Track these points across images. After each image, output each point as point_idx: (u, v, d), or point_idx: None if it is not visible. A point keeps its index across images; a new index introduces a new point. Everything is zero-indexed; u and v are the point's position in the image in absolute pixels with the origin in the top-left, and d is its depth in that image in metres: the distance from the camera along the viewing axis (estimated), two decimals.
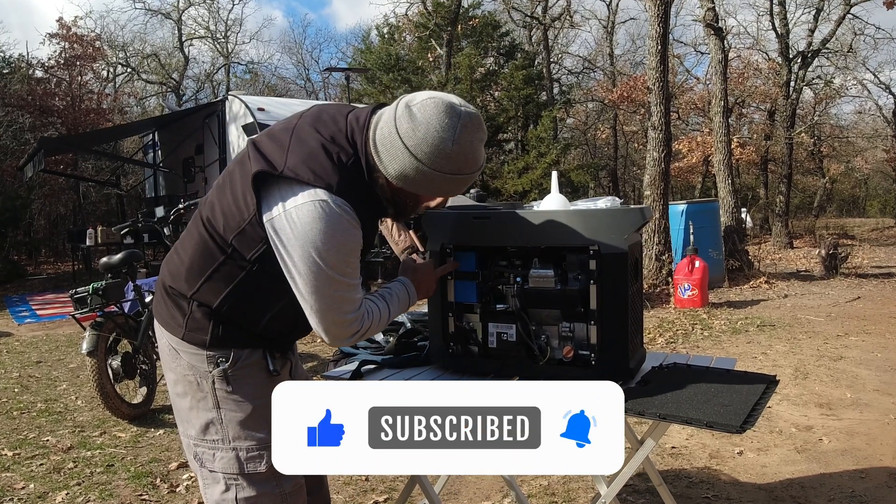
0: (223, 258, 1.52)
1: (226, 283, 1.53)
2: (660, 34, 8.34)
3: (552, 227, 1.82)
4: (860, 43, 19.17)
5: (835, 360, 5.01)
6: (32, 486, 3.15)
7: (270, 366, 1.60)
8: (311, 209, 1.42)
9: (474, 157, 1.48)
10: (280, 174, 1.44)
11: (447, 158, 1.44)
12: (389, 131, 1.45)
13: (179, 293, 1.58)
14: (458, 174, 1.47)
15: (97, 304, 4.02)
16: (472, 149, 1.47)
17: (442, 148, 1.42)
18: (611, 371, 1.82)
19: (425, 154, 1.43)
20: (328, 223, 1.42)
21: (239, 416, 1.57)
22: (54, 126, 15.15)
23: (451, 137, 1.42)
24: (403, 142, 1.43)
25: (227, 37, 26.11)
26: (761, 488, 2.92)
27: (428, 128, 1.42)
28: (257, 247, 1.49)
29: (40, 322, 7.96)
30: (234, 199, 1.51)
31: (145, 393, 4.18)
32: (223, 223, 1.52)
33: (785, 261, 11.94)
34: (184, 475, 3.23)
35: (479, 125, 1.48)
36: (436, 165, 1.44)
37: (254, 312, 1.57)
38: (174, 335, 1.60)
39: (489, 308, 1.93)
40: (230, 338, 1.57)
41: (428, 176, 1.45)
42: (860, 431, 3.54)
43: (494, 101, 17.61)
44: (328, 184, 1.43)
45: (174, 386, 1.65)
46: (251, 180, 1.46)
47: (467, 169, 1.48)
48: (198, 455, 1.62)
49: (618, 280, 1.78)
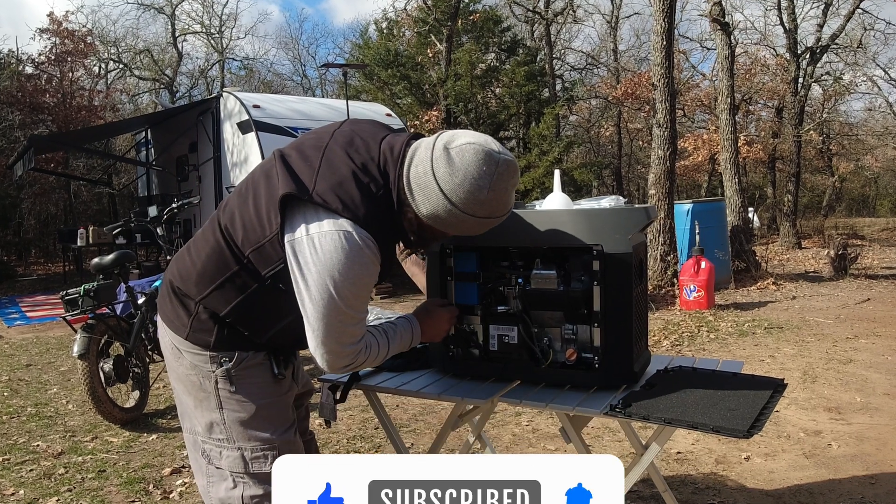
0: (237, 269, 1.53)
1: (236, 294, 1.54)
2: (665, 29, 8.28)
3: (555, 227, 1.82)
4: (870, 38, 19.03)
5: (844, 363, 4.97)
6: (22, 493, 3.11)
7: (275, 368, 1.62)
8: (334, 238, 1.42)
9: (506, 203, 1.50)
10: (308, 199, 1.44)
11: (481, 204, 1.45)
12: (425, 171, 1.45)
13: (187, 294, 1.59)
14: (489, 218, 1.49)
15: (88, 305, 3.98)
16: (506, 195, 1.48)
17: (477, 195, 1.43)
18: (615, 375, 1.83)
19: (460, 199, 1.44)
20: (349, 256, 1.43)
21: (242, 416, 1.59)
22: (45, 123, 15.12)
23: (488, 186, 1.43)
24: (439, 185, 1.44)
25: (222, 32, 26.07)
26: (769, 494, 2.88)
27: (466, 174, 1.42)
28: (274, 265, 1.50)
29: (30, 324, 7.92)
30: (256, 214, 1.51)
31: (138, 397, 4.14)
32: (242, 235, 1.52)
33: (793, 261, 11.89)
34: (177, 481, 3.18)
35: (515, 172, 1.49)
36: (469, 210, 1.45)
37: (260, 325, 1.58)
38: (178, 334, 1.61)
39: (490, 310, 1.93)
40: (234, 341, 1.58)
41: (459, 218, 1.47)
42: (870, 436, 3.49)
43: (495, 98, 17.52)
44: (355, 215, 1.44)
45: (177, 384, 1.66)
46: (279, 200, 1.46)
47: (498, 213, 1.50)
48: (205, 452, 1.63)
49: (622, 281, 1.77)
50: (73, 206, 15.30)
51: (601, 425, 3.69)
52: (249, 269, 1.52)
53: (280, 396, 1.65)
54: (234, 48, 27.02)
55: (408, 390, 1.94)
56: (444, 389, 1.91)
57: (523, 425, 3.78)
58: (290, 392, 1.71)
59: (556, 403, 1.75)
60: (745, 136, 18.04)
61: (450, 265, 1.95)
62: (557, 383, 1.87)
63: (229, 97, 9.87)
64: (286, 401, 1.68)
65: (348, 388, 1.98)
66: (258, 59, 31.20)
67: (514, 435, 3.64)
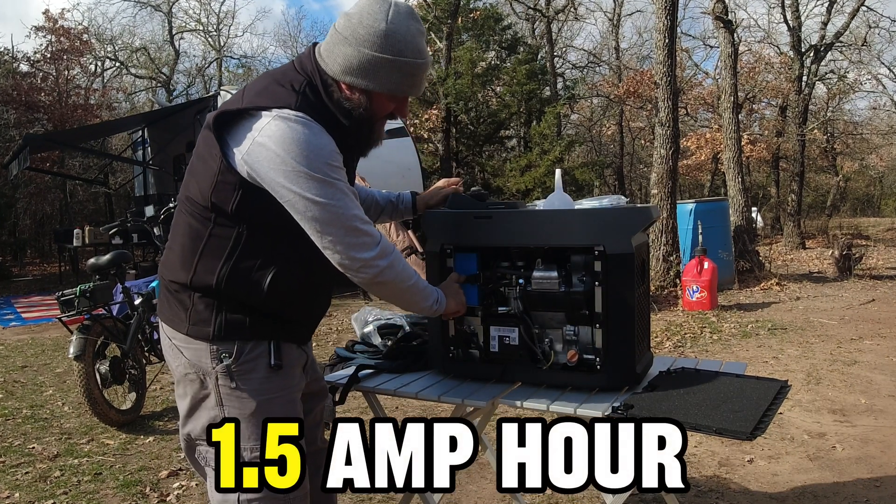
0: (209, 230, 1.53)
1: (218, 255, 1.53)
2: (667, 27, 8.25)
3: (556, 226, 1.80)
4: (875, 36, 19.01)
5: (848, 364, 4.94)
6: (18, 496, 3.08)
7: (272, 360, 1.57)
8: (277, 125, 1.45)
9: (414, 43, 1.53)
10: (237, 110, 1.49)
11: (384, 37, 1.50)
12: (330, 35, 1.56)
13: (179, 284, 1.58)
14: (400, 57, 1.51)
15: (84, 306, 3.96)
16: (409, 32, 1.52)
17: (376, 27, 1.50)
18: (616, 376, 1.81)
19: (361, 37, 1.50)
20: (297, 132, 1.45)
21: (243, 413, 1.56)
22: (40, 122, 15.14)
23: (384, 18, 1.50)
24: (341, 34, 1.53)
25: (220, 30, 25.94)
26: (772, 497, 2.85)
27: (361, 14, 1.52)
28: (234, 195, 1.49)
29: (26, 325, 7.90)
30: (202, 162, 1.54)
31: (134, 398, 4.12)
32: (198, 189, 1.54)
33: (797, 262, 11.86)
34: (174, 484, 3.16)
35: (414, 14, 1.56)
36: (374, 47, 1.50)
37: (254, 279, 1.54)
38: (178, 331, 1.59)
39: (491, 311, 1.90)
40: (235, 328, 1.55)
41: (370, 61, 1.51)
42: (875, 438, 3.47)
43: (496, 97, 17.51)
44: (287, 104, 1.48)
45: (176, 387, 1.65)
46: (212, 127, 1.50)
47: (409, 53, 1.52)
48: (201, 454, 1.62)
49: (624, 282, 1.75)
50: (69, 205, 15.30)
51: None
52: (219, 219, 1.52)
53: (282, 392, 1.60)
54: (232, 46, 26.98)
55: (407, 392, 1.91)
56: (443, 391, 1.88)
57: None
58: (296, 388, 1.66)
59: (557, 405, 1.73)
60: (749, 135, 18.02)
61: (450, 265, 1.92)
62: (559, 385, 1.85)
63: (227, 95, 9.84)
64: (289, 396, 1.63)
65: (347, 389, 1.95)
66: (256, 56, 31.15)
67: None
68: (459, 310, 1.82)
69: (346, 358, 2.23)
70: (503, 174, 16.02)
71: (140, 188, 13.29)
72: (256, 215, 1.50)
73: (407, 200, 2.03)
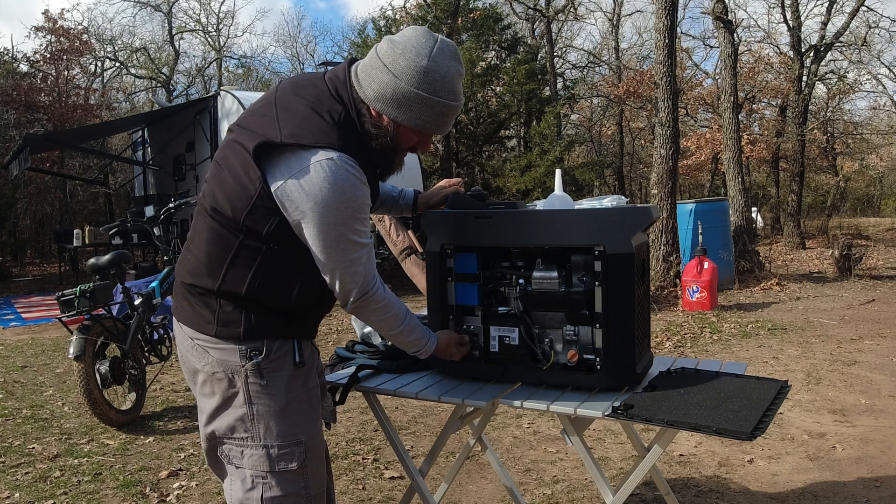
0: (240, 241, 1.53)
1: (248, 266, 1.54)
2: (667, 27, 8.25)
3: (556, 226, 1.80)
4: (875, 36, 19.00)
5: (848, 364, 4.93)
6: (18, 496, 3.08)
7: (297, 357, 1.60)
8: (318, 170, 1.45)
9: (451, 84, 1.52)
10: (280, 143, 1.47)
11: (423, 74, 1.48)
12: (370, 58, 1.54)
13: (204, 289, 1.58)
14: (434, 97, 1.51)
15: (84, 306, 3.94)
16: (449, 73, 1.51)
17: (418, 62, 1.48)
18: (617, 376, 1.81)
19: (401, 69, 1.49)
20: (336, 181, 1.45)
21: (272, 409, 1.58)
22: (40, 122, 15.10)
23: (427, 54, 1.49)
24: (382, 60, 1.51)
25: (220, 30, 25.88)
26: (772, 497, 2.85)
27: (405, 45, 1.50)
28: (270, 221, 1.50)
29: (25, 325, 7.89)
30: (236, 180, 1.51)
31: (134, 399, 4.12)
32: (230, 206, 1.52)
33: (797, 262, 11.85)
34: (174, 484, 3.15)
35: (457, 55, 1.54)
36: (412, 82, 1.49)
37: (282, 289, 1.58)
38: (204, 333, 1.59)
39: (491, 311, 1.90)
40: (263, 327, 1.57)
41: (405, 94, 1.50)
42: (875, 438, 3.47)
43: (496, 97, 17.48)
44: (330, 142, 1.47)
45: (202, 386, 1.63)
46: (252, 154, 1.48)
47: (444, 94, 1.51)
48: (224, 452, 1.62)
49: (624, 282, 1.75)
50: (68, 206, 15.28)
51: (603, 427, 3.66)
52: (251, 237, 1.52)
53: (307, 389, 1.64)
54: (232, 46, 26.90)
55: (407, 392, 1.91)
56: (444, 391, 1.89)
57: (524, 427, 3.75)
58: (316, 385, 1.70)
59: (557, 405, 1.73)
60: (749, 135, 18.00)
61: (450, 266, 1.92)
62: (559, 385, 1.85)
63: (227, 96, 9.82)
64: (314, 393, 1.67)
65: (347, 389, 1.95)
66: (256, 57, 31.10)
67: (514, 437, 3.60)
68: (445, 354, 1.86)
69: (346, 358, 2.23)
70: (503, 174, 15.98)
71: (140, 188, 13.26)
72: (289, 239, 1.52)
73: (408, 197, 2.03)
